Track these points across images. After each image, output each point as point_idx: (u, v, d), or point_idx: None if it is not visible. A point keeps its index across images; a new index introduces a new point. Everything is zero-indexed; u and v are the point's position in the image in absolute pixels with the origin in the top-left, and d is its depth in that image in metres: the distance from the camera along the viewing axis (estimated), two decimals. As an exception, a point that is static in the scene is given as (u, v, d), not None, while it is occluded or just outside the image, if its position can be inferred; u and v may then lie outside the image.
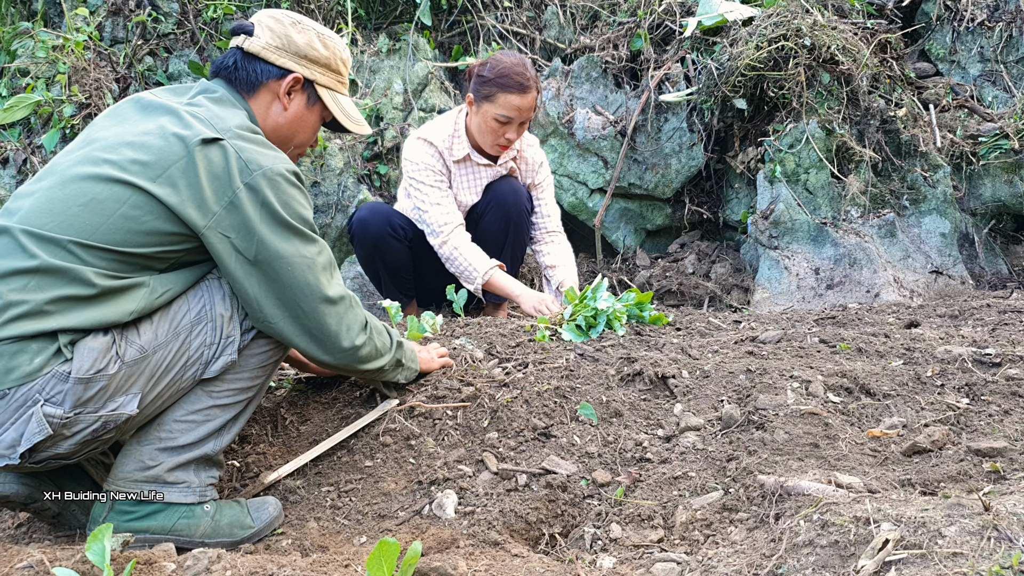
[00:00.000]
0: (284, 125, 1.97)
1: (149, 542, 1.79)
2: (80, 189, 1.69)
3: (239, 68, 1.92)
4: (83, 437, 1.66)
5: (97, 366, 1.63)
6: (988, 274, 4.27)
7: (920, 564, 1.28)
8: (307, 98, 1.98)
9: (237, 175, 1.72)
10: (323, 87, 1.99)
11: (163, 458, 1.79)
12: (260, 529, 1.88)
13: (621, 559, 1.68)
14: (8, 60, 4.47)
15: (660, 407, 2.20)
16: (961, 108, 4.48)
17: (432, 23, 4.94)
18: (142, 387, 1.70)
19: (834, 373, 2.28)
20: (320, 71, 1.97)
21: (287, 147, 2.00)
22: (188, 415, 1.80)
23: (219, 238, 1.72)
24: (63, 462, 1.72)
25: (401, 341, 2.10)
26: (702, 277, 4.35)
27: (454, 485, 1.95)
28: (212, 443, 1.83)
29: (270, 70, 1.92)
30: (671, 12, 4.66)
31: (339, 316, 1.84)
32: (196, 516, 1.82)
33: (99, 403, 1.65)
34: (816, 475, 1.74)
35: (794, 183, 4.15)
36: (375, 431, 2.14)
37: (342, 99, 2.05)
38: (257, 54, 1.92)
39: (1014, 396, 2.16)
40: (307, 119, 2.00)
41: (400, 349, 2.09)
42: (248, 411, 1.90)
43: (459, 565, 1.53)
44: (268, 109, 1.94)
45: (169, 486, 1.80)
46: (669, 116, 4.47)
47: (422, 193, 3.34)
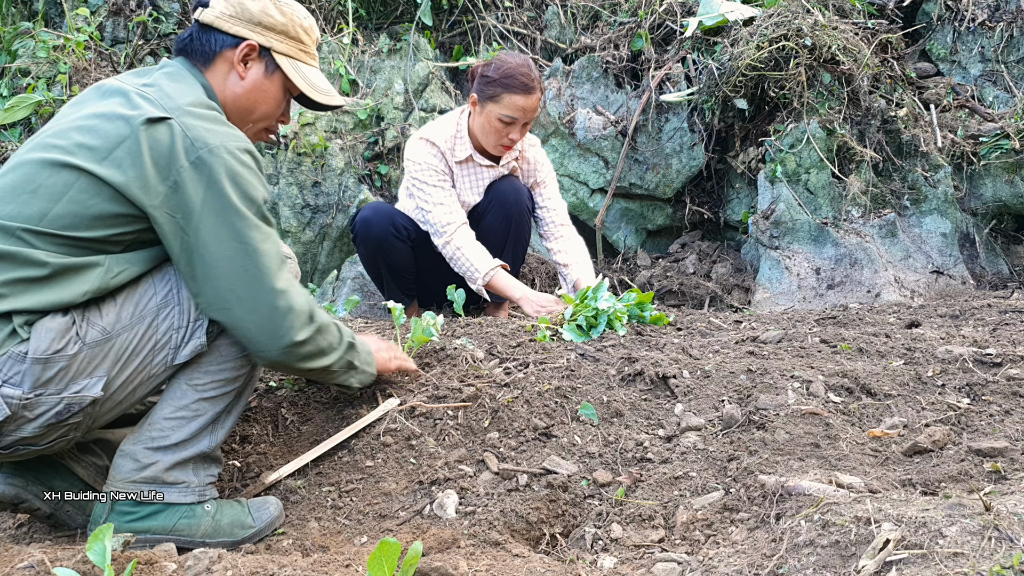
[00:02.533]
0: (242, 95, 1.92)
1: (150, 542, 1.78)
2: (28, 175, 1.68)
3: (194, 40, 1.90)
4: (47, 420, 1.65)
5: (55, 346, 1.62)
6: (989, 274, 4.27)
7: (921, 564, 1.28)
8: (265, 66, 1.93)
9: (182, 154, 1.69)
10: (281, 55, 1.93)
11: (158, 457, 1.78)
12: (261, 529, 1.88)
13: (622, 559, 1.68)
14: (9, 60, 4.47)
15: (661, 407, 2.20)
16: (962, 108, 4.48)
17: (433, 23, 4.94)
18: (108, 370, 1.69)
19: (835, 373, 2.28)
20: (277, 38, 1.93)
21: (249, 119, 1.95)
22: (176, 412, 1.79)
23: (166, 218, 1.69)
24: (33, 448, 1.70)
25: (353, 342, 1.98)
26: (703, 277, 4.35)
27: (455, 485, 1.95)
28: (207, 439, 1.82)
29: (224, 39, 1.89)
30: (672, 12, 4.66)
31: (279, 309, 1.74)
32: (197, 516, 1.82)
33: (60, 384, 1.64)
34: (817, 475, 1.74)
35: (795, 183, 4.15)
36: (376, 431, 2.14)
37: (305, 68, 1.98)
38: (211, 24, 1.89)
39: (1015, 396, 2.16)
40: (267, 89, 1.94)
41: (352, 351, 1.97)
42: (239, 403, 1.89)
43: (460, 565, 1.53)
44: (225, 80, 1.91)
45: (168, 486, 1.79)
46: (670, 116, 4.47)
47: (425, 193, 3.34)
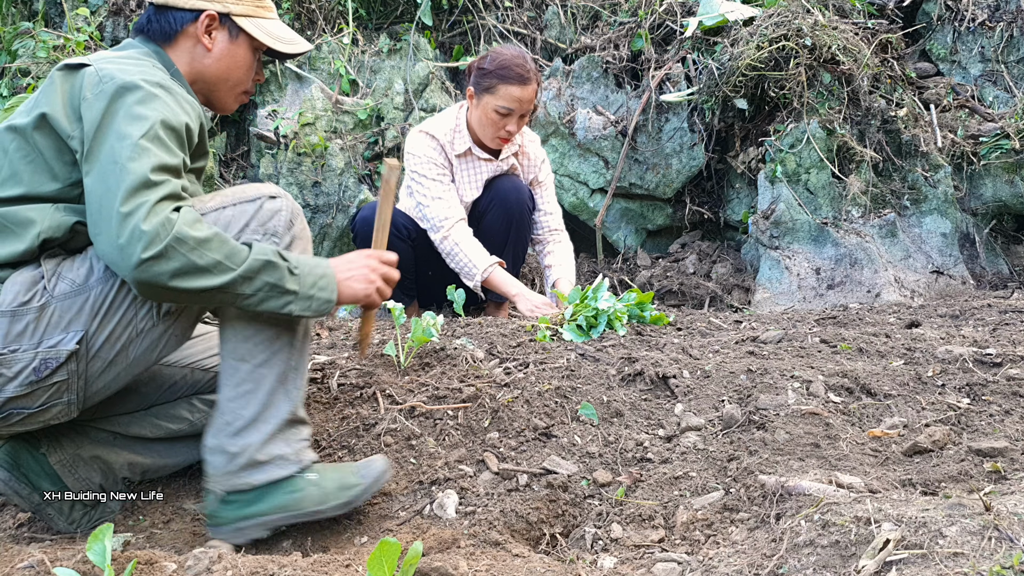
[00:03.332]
0: (213, 65, 1.91)
1: (266, 525, 1.78)
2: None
3: (152, 21, 1.89)
4: (26, 377, 1.64)
5: (21, 299, 1.63)
6: (989, 274, 4.27)
7: (921, 564, 1.28)
8: (228, 32, 1.91)
9: (89, 88, 1.68)
10: (241, 16, 1.92)
11: (247, 440, 1.74)
12: (369, 485, 1.83)
13: (622, 559, 1.68)
14: (9, 60, 4.47)
15: (661, 407, 2.20)
16: (962, 108, 4.48)
17: (433, 23, 4.94)
18: (84, 324, 1.67)
19: (835, 373, 2.28)
20: (233, 1, 1.91)
21: (224, 88, 1.94)
22: (237, 388, 1.76)
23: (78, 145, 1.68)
24: (29, 413, 1.68)
25: (273, 260, 1.67)
26: (703, 277, 4.35)
27: (455, 485, 1.95)
28: (284, 403, 1.77)
29: (182, 15, 1.88)
30: (672, 12, 4.66)
31: (122, 227, 1.56)
32: (301, 487, 1.79)
33: (33, 339, 1.63)
34: (817, 475, 1.74)
35: (795, 183, 4.15)
36: (376, 431, 2.14)
37: (267, 23, 1.96)
38: (165, 3, 1.88)
39: (1015, 396, 2.16)
40: (236, 54, 1.93)
41: (270, 270, 1.66)
42: (300, 356, 1.81)
43: (460, 565, 1.53)
44: (191, 55, 1.90)
45: (266, 465, 1.76)
46: (670, 116, 4.47)
47: (423, 187, 3.34)
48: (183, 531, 1.92)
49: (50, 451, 1.87)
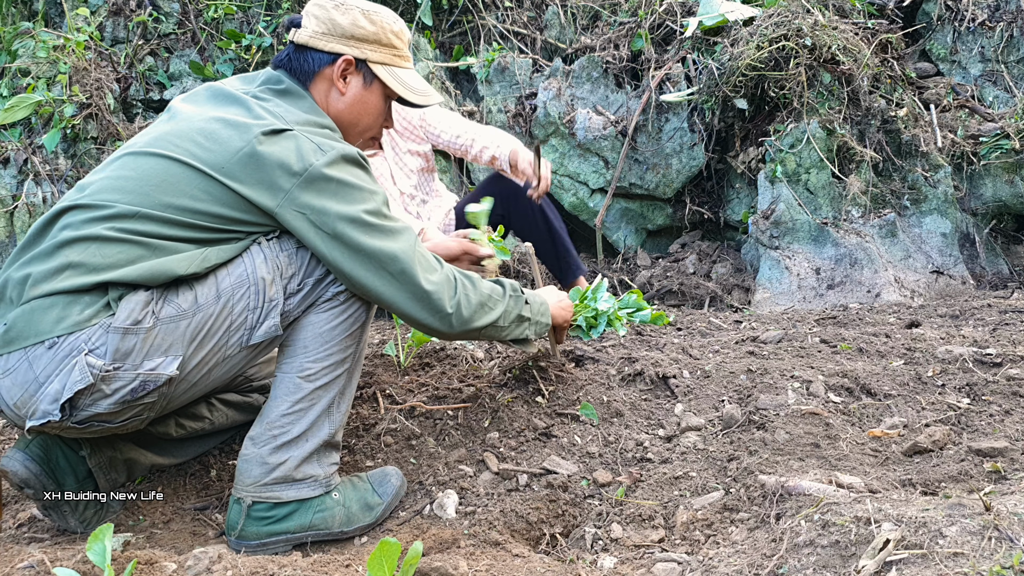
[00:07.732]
0: (345, 110, 1.93)
1: (292, 542, 1.82)
2: (152, 169, 1.71)
3: (292, 60, 1.90)
4: (122, 396, 1.64)
5: (135, 317, 1.63)
6: (989, 274, 4.27)
7: (921, 564, 1.28)
8: (363, 78, 1.93)
9: (303, 159, 1.71)
10: (377, 64, 1.93)
11: (287, 455, 1.79)
12: (389, 503, 1.91)
13: (622, 559, 1.68)
14: (9, 60, 4.47)
15: (661, 407, 2.20)
16: (962, 108, 4.48)
17: (433, 23, 4.94)
18: (183, 349, 1.68)
19: (835, 373, 2.28)
20: (371, 48, 1.92)
21: (354, 132, 1.96)
22: (293, 406, 1.79)
23: (294, 215, 1.71)
24: (107, 426, 1.69)
25: (517, 294, 1.97)
26: (703, 277, 4.35)
27: (455, 485, 1.95)
28: (327, 426, 1.82)
29: (321, 57, 1.89)
30: (672, 12, 4.66)
31: (426, 298, 1.77)
32: (328, 507, 1.84)
33: (137, 359, 1.64)
34: (817, 475, 1.74)
35: (795, 183, 4.15)
36: (376, 431, 2.14)
37: (402, 73, 1.97)
38: (306, 44, 1.90)
39: (1015, 396, 2.16)
40: (368, 100, 1.95)
41: (518, 302, 1.96)
42: (352, 383, 1.87)
43: (460, 565, 1.53)
44: (327, 97, 1.91)
45: (299, 483, 1.80)
46: (670, 116, 4.47)
47: None
48: (183, 531, 1.92)
49: (91, 454, 1.88)
